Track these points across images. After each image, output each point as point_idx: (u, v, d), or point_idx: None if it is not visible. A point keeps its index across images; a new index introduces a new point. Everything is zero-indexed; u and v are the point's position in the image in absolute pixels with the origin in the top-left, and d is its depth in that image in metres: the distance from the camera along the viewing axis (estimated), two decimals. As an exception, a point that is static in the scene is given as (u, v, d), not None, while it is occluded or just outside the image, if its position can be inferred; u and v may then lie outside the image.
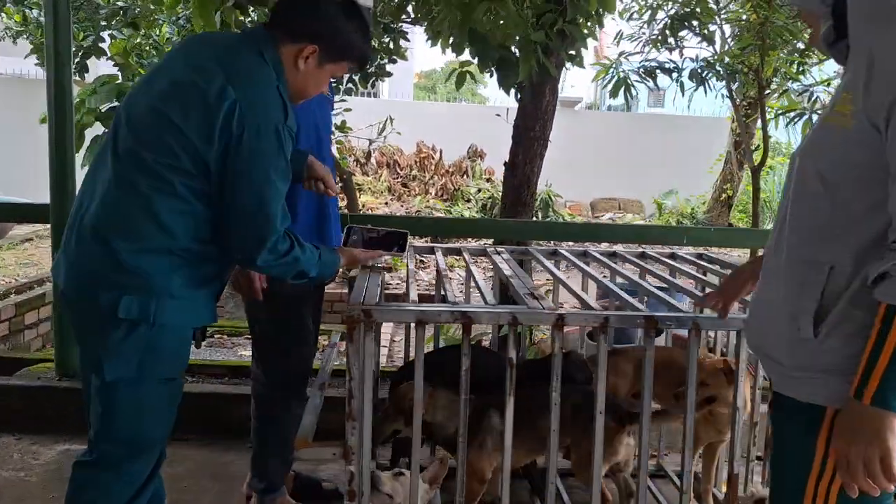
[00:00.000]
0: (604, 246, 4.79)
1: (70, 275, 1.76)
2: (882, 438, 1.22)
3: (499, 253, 2.74)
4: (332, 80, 2.65)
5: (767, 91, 6.70)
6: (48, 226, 3.38)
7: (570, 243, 4.49)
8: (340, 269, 2.30)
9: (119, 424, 1.77)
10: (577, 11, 3.74)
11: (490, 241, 5.00)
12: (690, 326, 1.83)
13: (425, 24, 4.92)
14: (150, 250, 1.70)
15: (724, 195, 12.05)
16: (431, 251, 2.86)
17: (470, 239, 7.50)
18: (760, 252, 1.77)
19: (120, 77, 7.87)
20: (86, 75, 7.47)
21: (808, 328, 1.33)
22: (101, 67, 8.69)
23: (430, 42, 4.62)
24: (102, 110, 7.94)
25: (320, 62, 1.85)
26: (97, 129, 8.08)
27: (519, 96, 4.29)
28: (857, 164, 1.28)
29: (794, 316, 1.35)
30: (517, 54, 3.82)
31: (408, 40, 6.24)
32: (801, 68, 6.13)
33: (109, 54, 7.78)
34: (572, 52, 3.96)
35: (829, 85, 6.79)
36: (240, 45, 1.78)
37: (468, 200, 11.80)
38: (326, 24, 1.83)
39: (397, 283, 7.16)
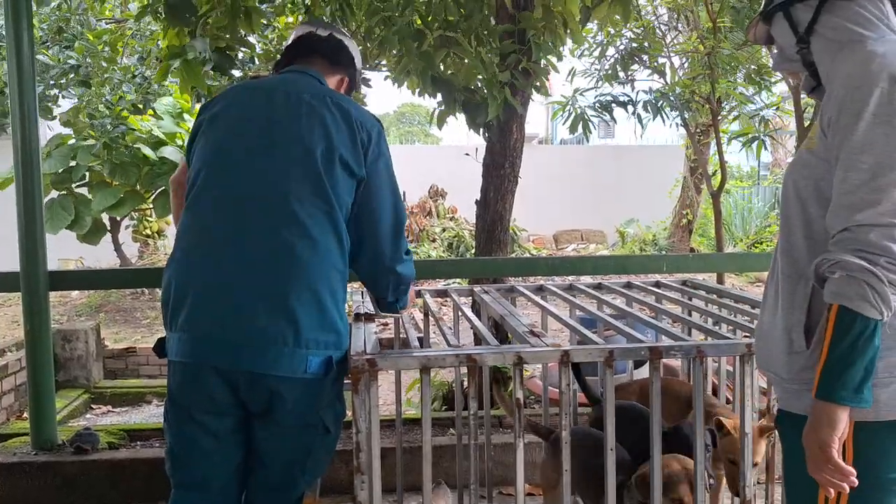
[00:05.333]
0: (579, 278, 4.82)
1: (234, 348, 1.75)
2: (820, 428, 1.28)
3: (486, 292, 2.73)
4: None
5: (720, 116, 6.92)
6: None
7: (554, 278, 4.51)
8: None
9: (326, 460, 1.97)
10: (541, 51, 3.83)
11: (451, 282, 5.01)
12: (694, 354, 1.85)
13: (385, 68, 4.98)
14: (326, 294, 1.80)
15: (684, 220, 12.30)
16: (418, 294, 2.84)
17: (432, 281, 7.46)
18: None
19: (73, 138, 7.79)
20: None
21: (800, 340, 1.40)
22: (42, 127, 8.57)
23: (395, 84, 4.68)
24: (59, 173, 7.82)
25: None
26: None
27: (487, 135, 4.34)
28: (822, 178, 1.38)
29: (788, 330, 1.42)
30: (483, 94, 3.88)
31: (370, 86, 6.28)
32: (757, 90, 6.34)
33: (59, 117, 7.68)
34: (537, 84, 4.05)
35: (778, 109, 7.05)
36: (306, 79, 1.97)
37: (433, 240, 11.81)
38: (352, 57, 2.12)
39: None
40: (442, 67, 3.69)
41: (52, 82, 7.68)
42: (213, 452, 1.83)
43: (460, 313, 2.59)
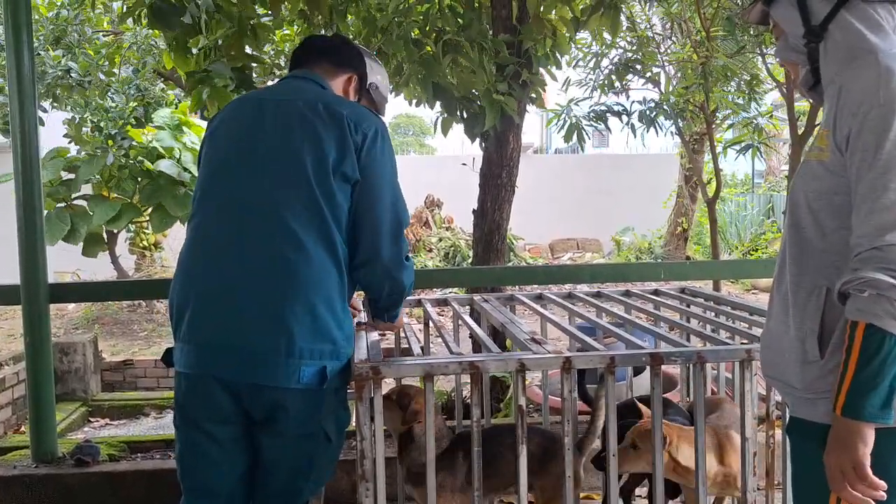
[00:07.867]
0: (575, 287, 4.83)
1: (234, 358, 1.76)
2: (852, 447, 1.28)
3: (486, 301, 2.75)
4: None
5: (714, 125, 6.96)
6: None
7: (552, 286, 4.53)
8: None
9: (329, 469, 1.96)
10: (539, 62, 3.87)
11: (448, 291, 5.03)
12: (695, 360, 1.86)
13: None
14: (321, 304, 1.79)
15: (679, 228, 12.34)
16: (418, 303, 2.86)
17: (430, 290, 7.44)
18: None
19: (74, 150, 7.78)
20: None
21: (814, 350, 1.40)
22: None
23: (393, 94, 4.70)
24: (53, 185, 7.80)
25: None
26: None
27: (483, 145, 4.37)
28: (836, 193, 1.38)
29: (801, 340, 1.42)
30: (480, 104, 3.92)
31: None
32: (748, 99, 6.38)
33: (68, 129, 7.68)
34: (533, 96, 4.09)
35: (771, 116, 7.10)
36: (305, 85, 1.96)
37: (430, 250, 11.82)
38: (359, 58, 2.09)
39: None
40: (444, 74, 3.72)
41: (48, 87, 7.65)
42: (220, 460, 1.85)
43: (460, 321, 2.61)
